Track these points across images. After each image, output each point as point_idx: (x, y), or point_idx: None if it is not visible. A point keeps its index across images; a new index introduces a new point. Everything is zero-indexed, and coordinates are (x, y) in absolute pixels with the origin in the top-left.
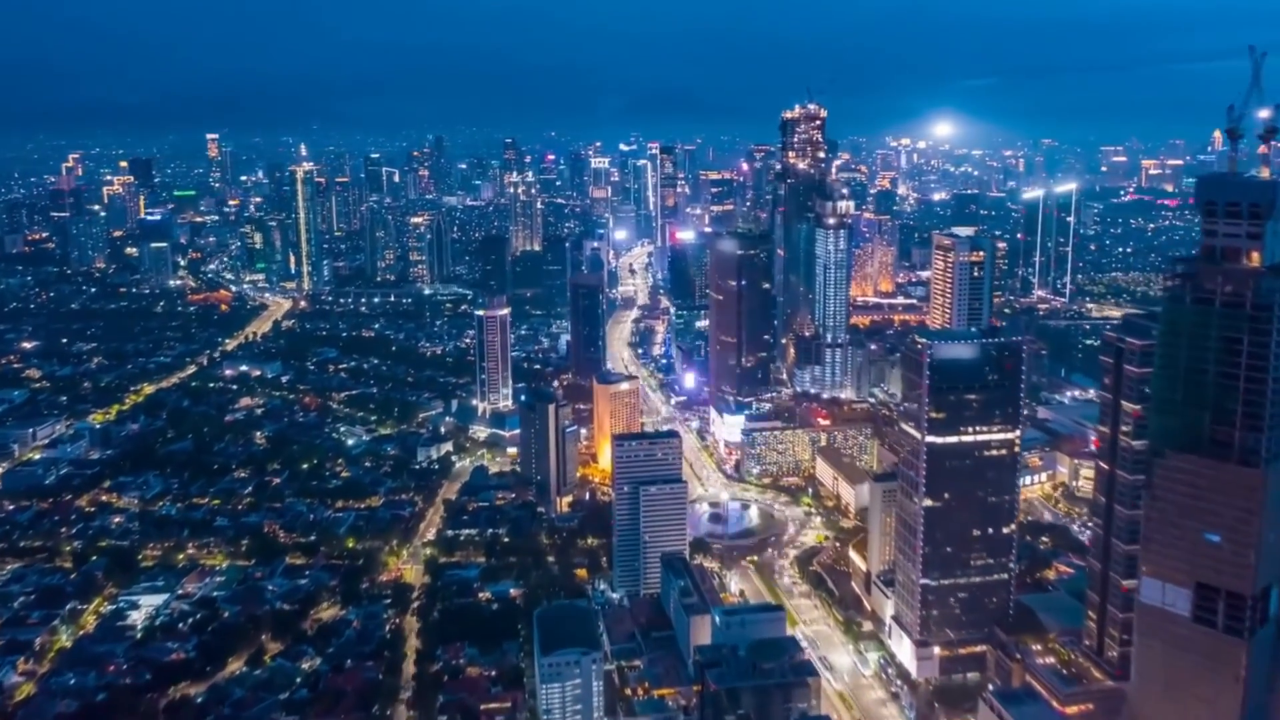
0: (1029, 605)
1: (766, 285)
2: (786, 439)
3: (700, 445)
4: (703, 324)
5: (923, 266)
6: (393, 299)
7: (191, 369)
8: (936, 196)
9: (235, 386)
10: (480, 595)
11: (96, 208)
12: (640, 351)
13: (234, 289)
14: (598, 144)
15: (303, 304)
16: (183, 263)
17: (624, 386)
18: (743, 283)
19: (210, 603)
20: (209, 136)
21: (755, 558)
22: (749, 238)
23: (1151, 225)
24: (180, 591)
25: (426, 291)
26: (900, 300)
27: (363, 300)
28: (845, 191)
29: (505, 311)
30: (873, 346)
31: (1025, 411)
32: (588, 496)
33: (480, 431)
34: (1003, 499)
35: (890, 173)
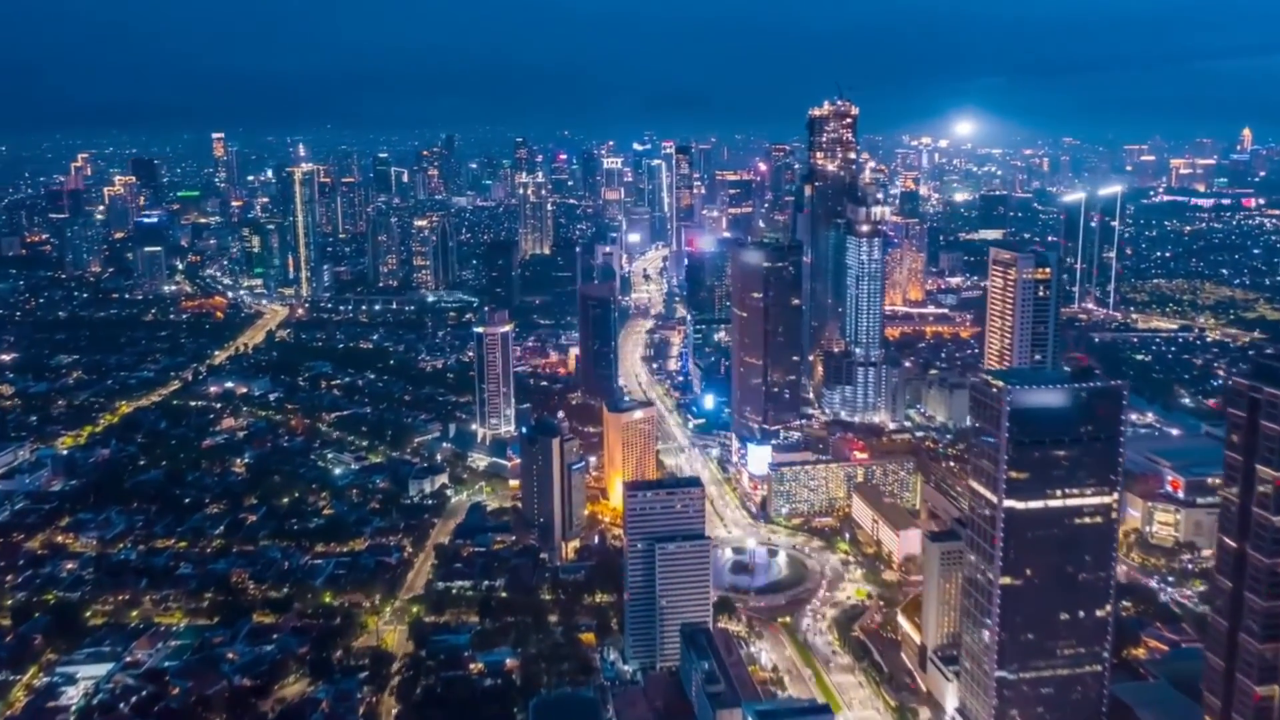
0: (1124, 700)
1: (796, 301)
2: (819, 475)
3: (722, 477)
4: (722, 337)
5: (952, 273)
6: (394, 306)
7: (175, 385)
8: (959, 197)
9: (219, 405)
10: (471, 667)
11: (95, 209)
12: (655, 366)
13: (230, 295)
14: (610, 143)
15: (300, 312)
16: (181, 266)
17: (637, 415)
18: (769, 297)
19: (159, 675)
20: (214, 136)
21: (788, 618)
22: (776, 248)
23: (1187, 228)
24: (127, 659)
25: (430, 299)
26: (931, 310)
27: (363, 308)
28: (880, 196)
29: (507, 328)
30: (907, 364)
31: None
32: (596, 540)
33: (479, 460)
34: (1097, 575)
35: (912, 173)
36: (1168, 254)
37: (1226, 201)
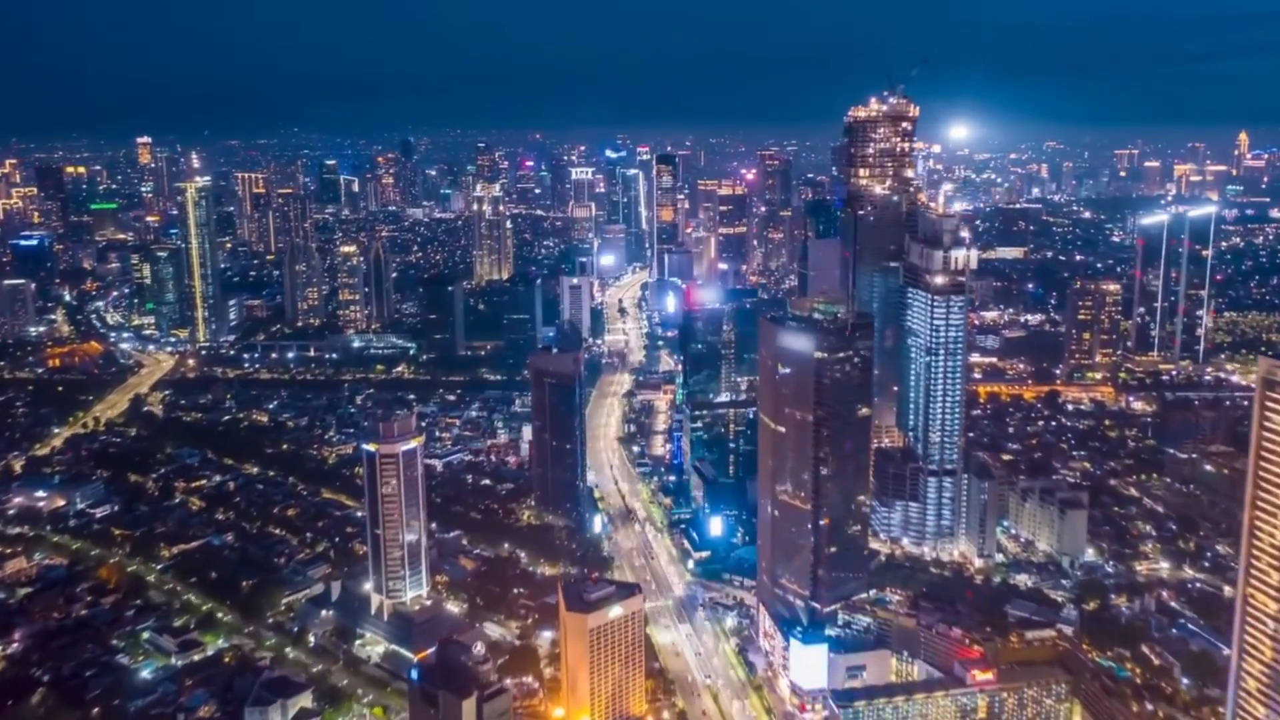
0: None
1: (864, 411)
2: (915, 711)
3: (745, 675)
4: (723, 400)
5: (984, 305)
6: (312, 353)
7: None
8: (958, 208)
9: (17, 530)
10: None
11: None
12: (637, 450)
13: (112, 339)
14: (581, 147)
15: (190, 363)
16: (68, 299)
17: (615, 613)
18: (823, 406)
19: None
20: (139, 141)
21: None
22: (834, 330)
23: (1223, 243)
24: None
25: (357, 343)
26: (975, 358)
27: (273, 355)
28: (965, 235)
29: (415, 444)
30: (992, 462)
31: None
32: None
33: (373, 645)
34: None
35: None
36: (1218, 276)
37: (1251, 212)
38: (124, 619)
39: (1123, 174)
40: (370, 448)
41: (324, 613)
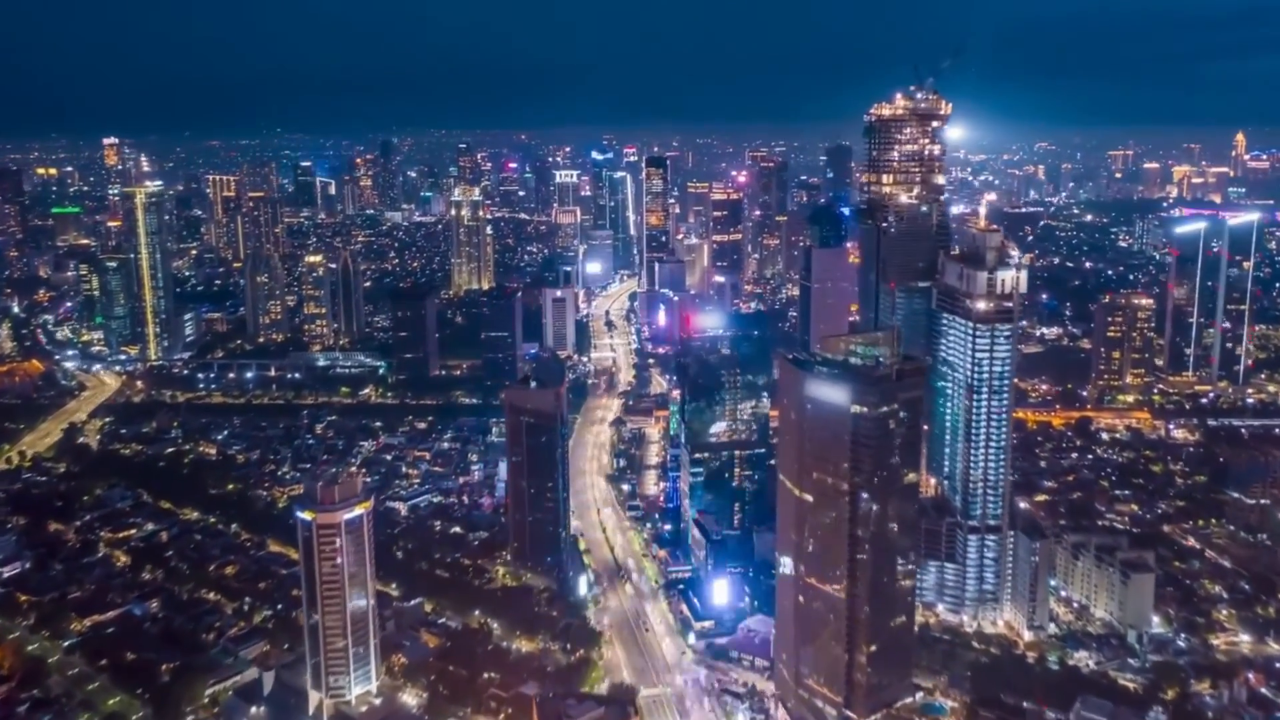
0: None
1: (911, 477)
2: None
3: None
4: (720, 429)
5: None
6: (273, 373)
7: None
8: (954, 210)
9: None
10: None
11: None
12: (627, 488)
13: (57, 356)
14: (566, 148)
15: (137, 385)
16: (15, 311)
17: None
18: (859, 478)
19: None
20: (106, 141)
21: None
22: (877, 379)
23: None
24: None
25: (321, 362)
26: None
27: (230, 375)
28: (1013, 253)
29: (361, 510)
30: (1036, 511)
31: None
32: None
33: None
34: None
35: None
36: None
37: (1260, 216)
38: (14, 716)
39: (1118, 175)
40: (306, 516)
41: (253, 709)
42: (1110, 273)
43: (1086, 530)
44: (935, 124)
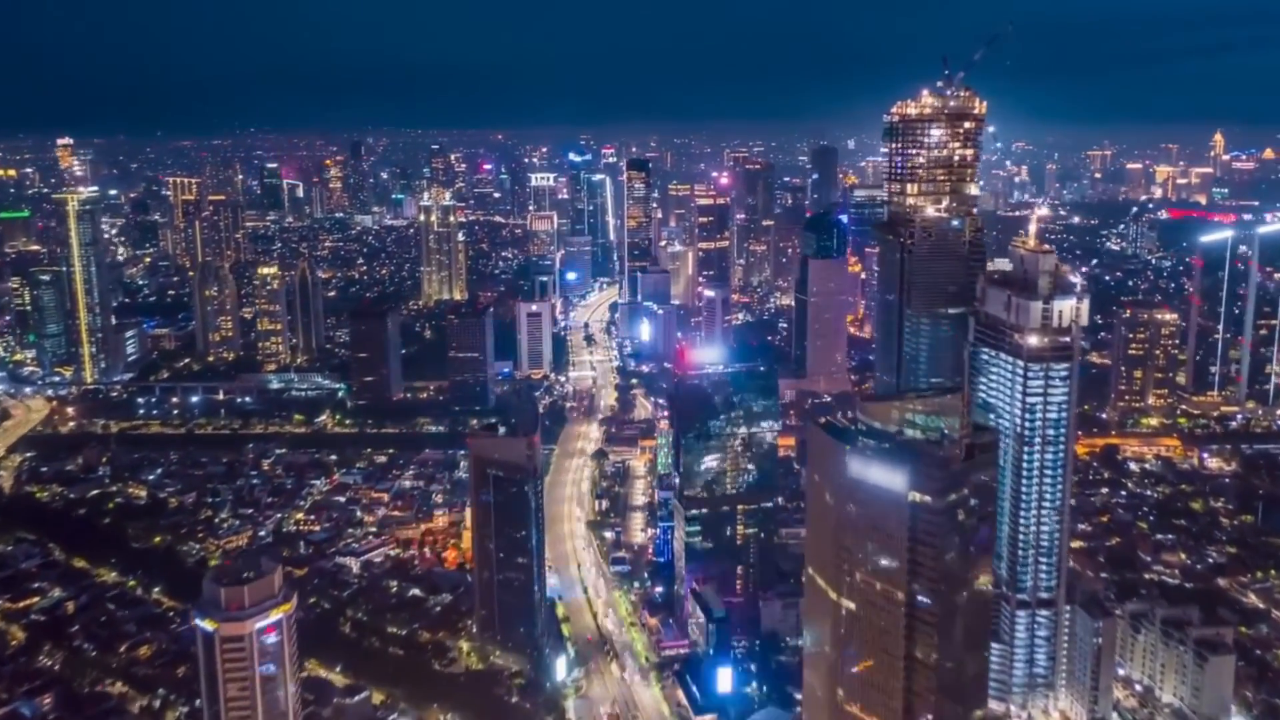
0: None
1: (984, 580)
2: None
3: None
4: (720, 476)
5: None
6: (221, 396)
7: None
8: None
9: None
10: None
11: None
12: (611, 537)
13: None
14: (543, 149)
15: (68, 411)
16: None
17: None
18: (918, 584)
19: None
20: (60, 142)
21: None
22: (938, 461)
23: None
24: None
25: (275, 385)
26: None
27: (173, 399)
28: (1073, 279)
29: (277, 616)
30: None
31: None
32: None
33: None
34: None
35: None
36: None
37: (1248, 217)
38: None
39: (1098, 175)
40: (207, 625)
41: None
42: (1109, 279)
43: (1134, 587)
44: (968, 125)
